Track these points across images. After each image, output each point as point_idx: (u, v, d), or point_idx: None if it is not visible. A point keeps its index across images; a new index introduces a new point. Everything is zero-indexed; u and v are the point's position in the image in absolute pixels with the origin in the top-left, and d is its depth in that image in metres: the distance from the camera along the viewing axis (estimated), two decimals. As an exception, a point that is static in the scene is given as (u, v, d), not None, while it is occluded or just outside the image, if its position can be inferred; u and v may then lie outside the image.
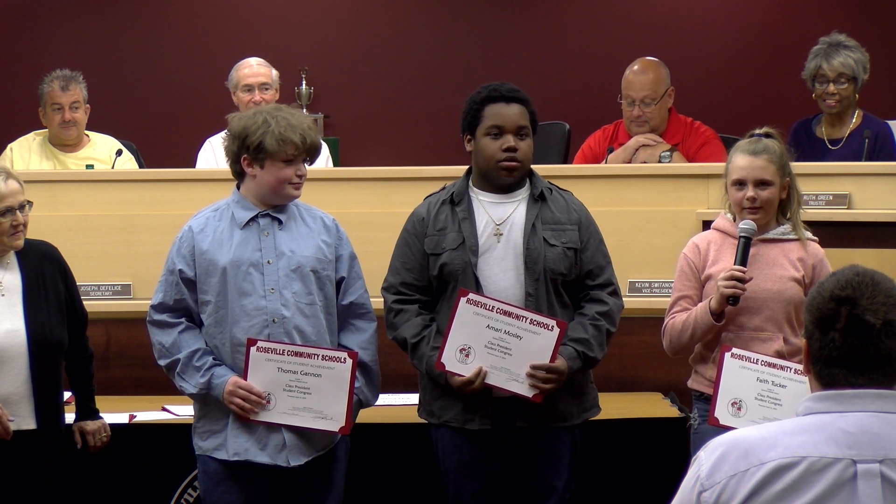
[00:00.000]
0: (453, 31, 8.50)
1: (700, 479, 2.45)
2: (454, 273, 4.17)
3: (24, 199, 4.31)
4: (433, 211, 4.24)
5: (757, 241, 4.23)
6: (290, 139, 4.15)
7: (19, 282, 4.31)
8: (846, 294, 2.43)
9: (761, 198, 4.19)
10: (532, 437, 4.20)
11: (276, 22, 8.48)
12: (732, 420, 4.12)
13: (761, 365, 4.14)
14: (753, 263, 4.20)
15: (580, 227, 4.24)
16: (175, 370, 4.20)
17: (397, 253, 4.30)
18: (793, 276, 4.21)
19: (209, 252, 4.20)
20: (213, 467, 4.20)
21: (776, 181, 4.20)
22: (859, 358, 2.42)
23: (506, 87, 4.23)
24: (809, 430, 2.41)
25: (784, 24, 8.33)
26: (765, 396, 4.14)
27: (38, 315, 4.28)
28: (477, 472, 4.20)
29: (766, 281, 4.20)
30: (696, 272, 4.29)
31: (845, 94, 5.82)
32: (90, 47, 8.32)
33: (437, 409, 4.23)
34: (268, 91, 6.24)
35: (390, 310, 4.27)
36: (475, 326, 4.08)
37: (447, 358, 4.11)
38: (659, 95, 5.93)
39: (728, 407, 4.15)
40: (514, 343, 4.09)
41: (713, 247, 4.29)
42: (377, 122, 8.46)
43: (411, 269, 4.24)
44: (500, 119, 4.18)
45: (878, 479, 2.37)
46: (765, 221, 4.24)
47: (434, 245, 4.20)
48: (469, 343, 4.10)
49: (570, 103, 7.86)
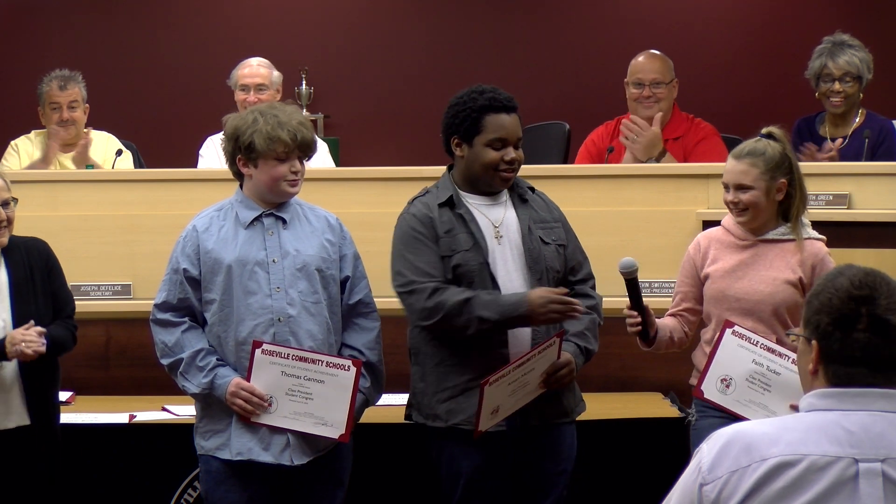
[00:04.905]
0: (453, 32, 8.50)
1: (702, 472, 2.45)
2: (468, 274, 4.12)
3: (9, 196, 4.32)
4: (435, 213, 4.19)
5: (756, 241, 4.24)
6: (279, 137, 4.15)
7: (6, 278, 4.32)
8: (864, 294, 2.43)
9: (742, 201, 4.19)
10: (539, 434, 4.21)
11: (276, 22, 8.48)
12: (718, 396, 4.14)
13: (760, 348, 4.13)
14: (749, 265, 4.22)
15: (563, 224, 4.29)
16: (178, 370, 4.19)
17: (411, 254, 4.15)
18: (787, 278, 4.20)
19: (214, 251, 4.20)
20: (215, 467, 4.19)
21: (758, 185, 4.18)
22: (882, 357, 2.42)
23: (504, 96, 4.20)
24: (812, 428, 2.41)
25: (785, 23, 8.32)
26: (756, 379, 4.12)
27: (26, 310, 4.30)
28: (490, 474, 4.17)
29: (758, 283, 4.21)
30: (695, 269, 4.32)
31: (850, 93, 5.82)
32: (90, 47, 8.32)
33: (444, 412, 4.17)
34: (264, 92, 6.23)
35: (431, 293, 4.08)
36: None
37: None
38: (667, 80, 5.99)
39: (717, 382, 4.15)
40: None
41: (714, 245, 4.30)
42: (377, 122, 8.45)
43: (434, 266, 4.12)
44: (504, 132, 4.16)
45: (879, 479, 2.38)
46: (756, 224, 4.24)
47: (447, 247, 4.14)
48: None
49: (570, 103, 7.87)
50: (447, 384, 4.16)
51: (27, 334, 4.24)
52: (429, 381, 4.21)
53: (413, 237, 4.17)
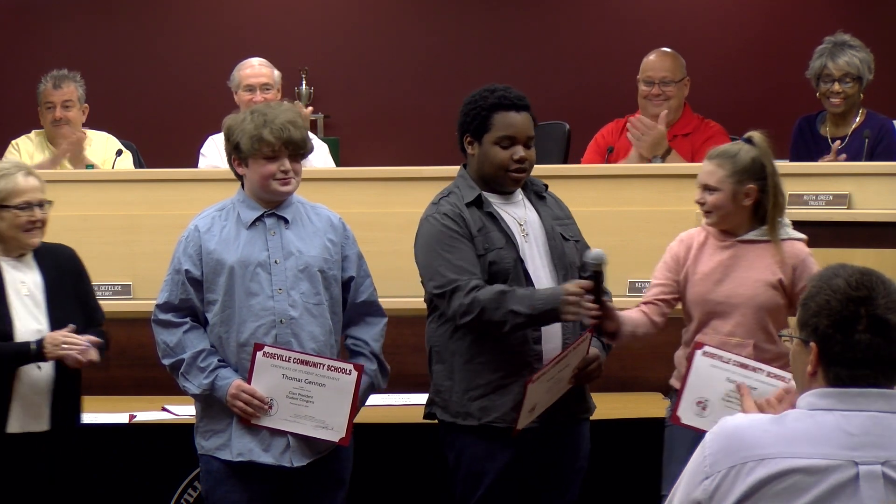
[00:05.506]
0: (453, 32, 8.50)
1: (704, 465, 2.45)
2: (504, 272, 4.08)
3: (43, 198, 4.31)
4: (465, 211, 4.13)
5: (735, 241, 4.19)
6: (263, 137, 4.15)
7: (40, 282, 4.31)
8: (863, 294, 2.43)
9: (708, 202, 4.16)
10: (563, 431, 4.20)
11: (276, 22, 8.48)
12: (696, 420, 4.08)
13: (733, 365, 4.06)
14: (729, 266, 4.17)
15: (573, 220, 4.29)
16: (179, 370, 4.19)
17: (446, 253, 4.08)
18: (767, 280, 4.15)
19: (216, 251, 4.20)
20: (216, 467, 4.19)
21: (724, 187, 4.12)
22: (883, 357, 2.42)
23: (514, 94, 4.18)
24: (812, 430, 2.41)
25: (786, 23, 8.33)
26: (732, 398, 4.03)
27: (61, 317, 4.29)
28: (519, 472, 4.14)
29: (739, 286, 4.16)
30: (678, 265, 4.25)
31: (850, 94, 5.83)
32: (90, 47, 8.32)
33: (477, 409, 4.11)
34: (269, 91, 6.23)
35: (470, 290, 4.00)
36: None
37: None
38: (677, 78, 6.00)
39: (692, 406, 4.09)
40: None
41: (696, 246, 4.25)
42: (377, 122, 8.45)
43: (473, 263, 4.05)
44: (513, 129, 4.14)
45: (880, 481, 2.38)
46: (725, 226, 4.18)
47: (481, 245, 4.09)
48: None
49: (570, 103, 7.87)
50: (479, 381, 4.10)
51: (70, 337, 4.21)
52: (457, 378, 4.13)
53: (449, 235, 4.10)
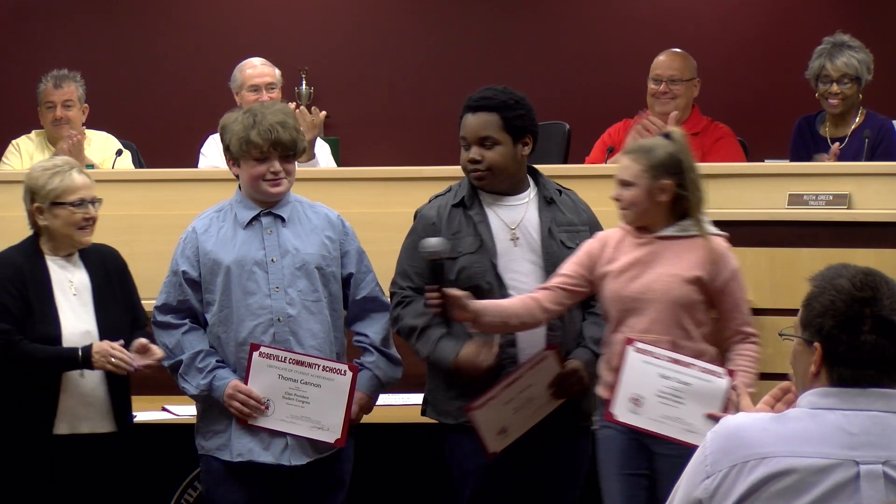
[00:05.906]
0: (453, 32, 8.49)
1: (705, 465, 2.45)
2: (474, 277, 4.11)
3: (95, 195, 4.30)
4: (444, 214, 4.18)
5: (653, 238, 4.08)
6: (251, 139, 4.15)
7: (88, 282, 4.30)
8: (867, 295, 2.43)
9: (623, 197, 4.06)
10: (556, 439, 4.19)
11: (276, 22, 8.47)
12: (630, 417, 3.99)
13: (665, 360, 3.97)
14: (645, 263, 4.06)
15: (591, 227, 4.24)
16: (178, 371, 4.21)
17: (406, 256, 4.22)
18: (682, 275, 4.03)
19: (213, 252, 4.20)
20: (216, 467, 4.20)
21: (640, 182, 4.03)
22: (888, 358, 2.42)
23: (476, 96, 4.20)
24: (813, 430, 2.41)
25: (785, 23, 8.32)
26: (666, 393, 3.96)
27: (109, 317, 4.28)
28: (501, 473, 4.15)
29: (653, 281, 4.04)
30: (590, 260, 4.11)
31: (849, 94, 5.82)
32: (90, 47, 8.31)
33: (455, 409, 4.15)
34: (274, 90, 6.24)
35: (397, 303, 4.19)
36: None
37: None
38: (685, 78, 5.99)
39: (627, 402, 3.99)
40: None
41: (613, 245, 4.12)
42: (377, 122, 8.44)
43: (421, 274, 4.13)
44: (464, 130, 4.19)
45: (881, 481, 2.38)
46: (641, 222, 4.08)
47: (454, 250, 4.11)
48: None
49: (570, 103, 7.85)
50: (457, 381, 4.13)
51: (116, 350, 4.16)
52: (440, 378, 4.19)
53: (413, 240, 4.18)
